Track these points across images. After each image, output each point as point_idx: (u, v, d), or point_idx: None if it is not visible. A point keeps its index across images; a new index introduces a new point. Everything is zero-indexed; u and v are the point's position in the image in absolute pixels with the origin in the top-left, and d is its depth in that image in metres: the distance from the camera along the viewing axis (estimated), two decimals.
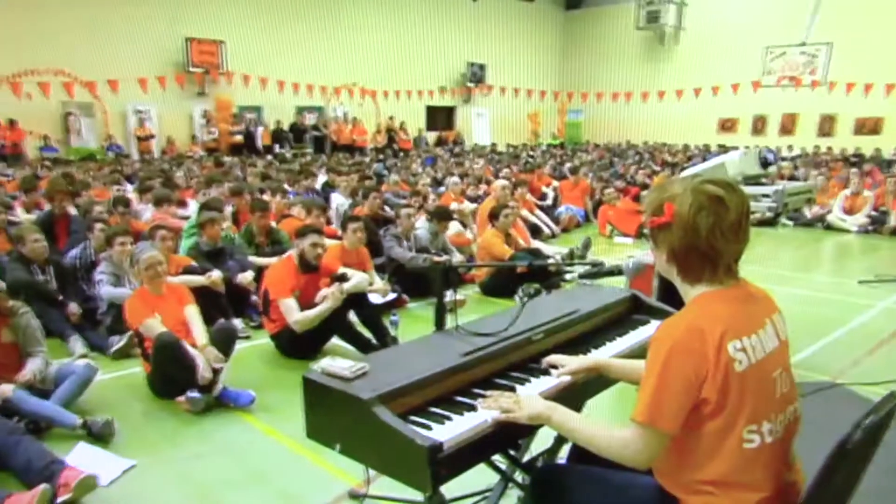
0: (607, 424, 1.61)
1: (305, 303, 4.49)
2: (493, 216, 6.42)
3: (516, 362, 2.06)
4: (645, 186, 11.12)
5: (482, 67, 24.35)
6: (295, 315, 4.31)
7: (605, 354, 2.19)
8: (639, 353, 2.33)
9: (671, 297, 3.62)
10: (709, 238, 1.51)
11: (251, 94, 18.66)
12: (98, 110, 16.55)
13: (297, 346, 4.44)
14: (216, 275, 4.99)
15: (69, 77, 15.60)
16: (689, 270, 1.58)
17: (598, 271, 2.17)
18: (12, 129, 14.92)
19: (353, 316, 4.72)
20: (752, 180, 4.20)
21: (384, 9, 21.36)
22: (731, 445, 1.48)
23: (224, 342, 3.93)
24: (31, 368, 3.51)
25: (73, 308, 4.83)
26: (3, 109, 14.44)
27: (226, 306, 5.00)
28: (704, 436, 1.49)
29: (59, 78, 15.43)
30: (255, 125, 18.81)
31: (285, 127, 19.51)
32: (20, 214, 7.01)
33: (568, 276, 6.41)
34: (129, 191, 8.62)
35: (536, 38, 26.30)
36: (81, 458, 3.05)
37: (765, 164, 3.92)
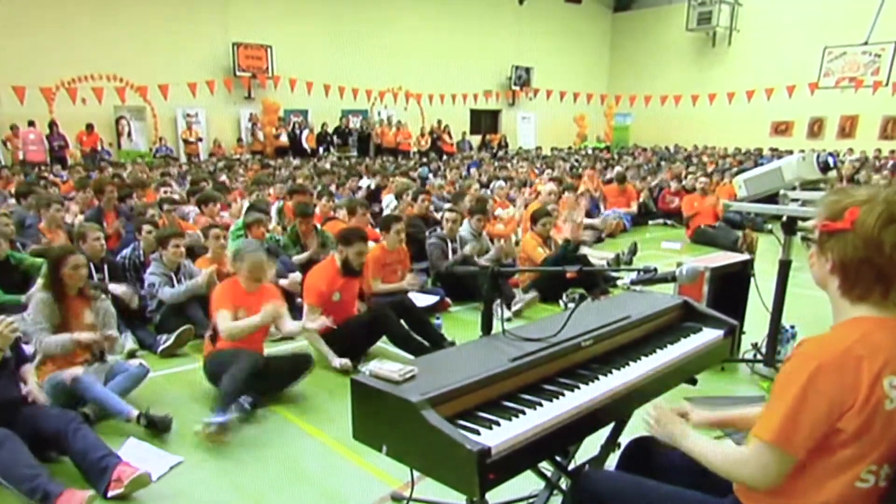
0: (725, 442, 1.55)
1: (346, 304, 4.54)
2: (534, 220, 6.38)
3: (566, 368, 2.02)
4: (693, 190, 10.88)
5: (528, 70, 24.23)
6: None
7: (656, 362, 2.13)
8: (693, 361, 2.29)
9: (723, 303, 3.53)
10: (892, 256, 1.37)
11: (297, 98, 18.99)
12: (148, 114, 17.09)
13: (343, 348, 4.47)
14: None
15: (122, 82, 16.17)
16: (855, 287, 1.44)
17: (651, 278, 2.10)
18: (89, 133, 15.64)
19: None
20: (811, 185, 4.04)
21: (430, 13, 21.48)
22: (845, 480, 1.39)
23: (295, 370, 3.96)
24: (112, 334, 3.75)
25: (127, 292, 4.86)
26: (60, 113, 15.01)
27: None
28: (820, 464, 1.40)
29: (112, 83, 16.01)
30: (300, 128, 19.14)
31: (330, 130, 19.81)
32: (74, 214, 7.24)
33: (616, 282, 6.33)
34: (177, 192, 8.85)
35: (584, 41, 26.04)
36: (132, 452, 3.13)
37: (825, 168, 3.75)
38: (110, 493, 2.75)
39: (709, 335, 2.41)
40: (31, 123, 14.65)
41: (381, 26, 20.18)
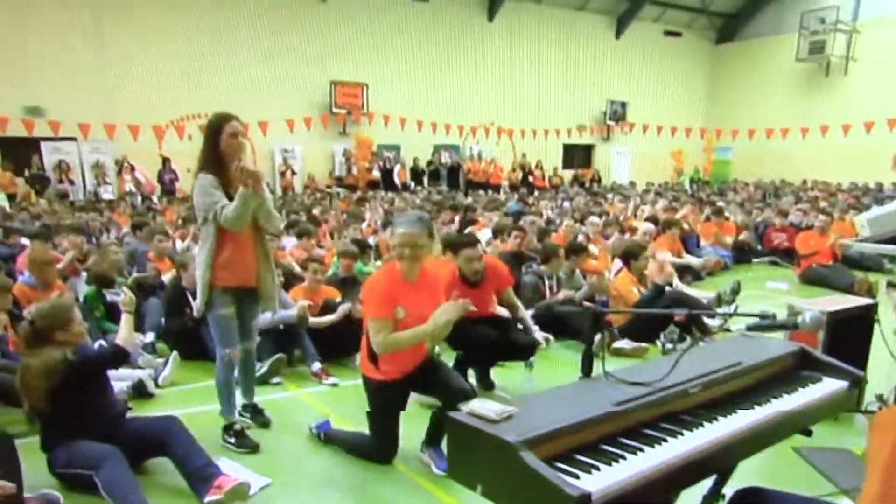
0: None
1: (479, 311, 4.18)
2: (627, 258, 6.14)
3: (668, 413, 1.93)
4: (802, 227, 10.24)
5: (623, 105, 23.91)
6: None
7: (770, 411, 1.99)
8: (811, 412, 2.13)
9: (841, 350, 3.25)
10: None
11: (390, 133, 19.61)
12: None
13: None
14: (345, 307, 5.14)
15: None
16: None
17: (769, 325, 1.97)
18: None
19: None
20: None
21: (524, 50, 21.75)
22: None
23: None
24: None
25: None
26: (168, 149, 16.17)
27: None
28: None
29: None
30: (392, 163, 19.72)
31: (422, 164, 20.28)
32: (178, 244, 7.58)
33: (716, 322, 6.01)
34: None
35: (683, 74, 25.44)
36: (224, 469, 3.23)
37: None
38: (208, 498, 2.85)
39: (830, 386, 2.24)
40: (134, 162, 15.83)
41: (473, 64, 20.63)
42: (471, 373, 4.66)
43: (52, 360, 2.99)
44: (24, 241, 7.49)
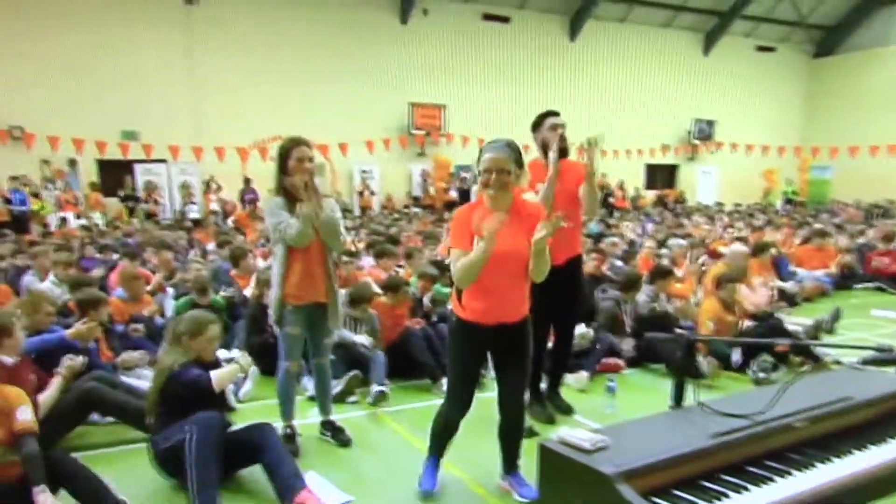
0: None
1: None
2: (719, 285, 5.83)
3: (773, 450, 1.81)
4: None
5: (710, 123, 23.08)
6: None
7: (890, 453, 1.83)
8: None
9: None
10: None
11: (469, 154, 19.62)
12: (328, 170, 18.68)
13: None
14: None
15: None
16: None
17: (889, 359, 1.82)
18: None
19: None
20: None
21: (607, 68, 21.43)
22: None
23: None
24: None
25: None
26: (252, 170, 16.76)
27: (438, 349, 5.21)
28: None
29: None
30: (469, 183, 19.78)
31: None
32: (260, 263, 7.73)
33: (817, 350, 5.62)
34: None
35: (776, 90, 24.30)
36: (311, 482, 3.30)
37: None
38: None
39: None
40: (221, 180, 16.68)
41: (554, 83, 20.49)
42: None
43: (164, 364, 3.28)
44: (115, 256, 8.04)
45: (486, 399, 3.59)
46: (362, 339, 5.07)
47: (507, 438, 3.22)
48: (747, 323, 5.82)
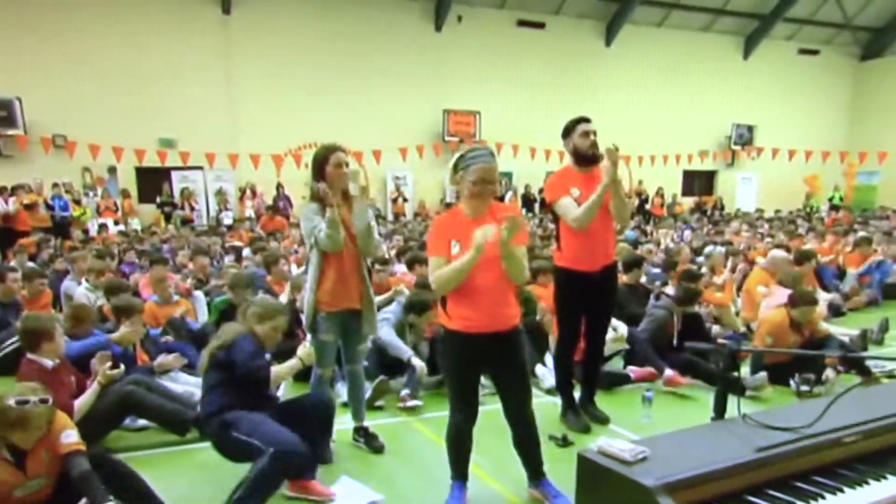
0: None
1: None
2: (795, 303, 5.51)
3: (822, 465, 1.73)
4: None
5: (750, 129, 22.56)
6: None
7: None
8: None
9: None
10: None
11: (503, 160, 19.41)
12: (361, 177, 18.71)
13: None
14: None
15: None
16: None
17: None
18: None
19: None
20: None
21: (643, 73, 21.13)
22: None
23: None
24: None
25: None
26: (287, 177, 17.01)
27: None
28: None
29: None
30: (503, 190, 19.68)
31: (534, 191, 20.13)
32: (294, 269, 7.81)
33: (868, 364, 5.39)
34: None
35: (819, 94, 23.64)
36: (343, 486, 3.40)
37: None
38: (290, 493, 3.24)
39: None
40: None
41: (589, 89, 20.29)
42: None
43: (216, 342, 3.33)
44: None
45: None
46: (408, 350, 5.00)
47: (525, 448, 3.19)
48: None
